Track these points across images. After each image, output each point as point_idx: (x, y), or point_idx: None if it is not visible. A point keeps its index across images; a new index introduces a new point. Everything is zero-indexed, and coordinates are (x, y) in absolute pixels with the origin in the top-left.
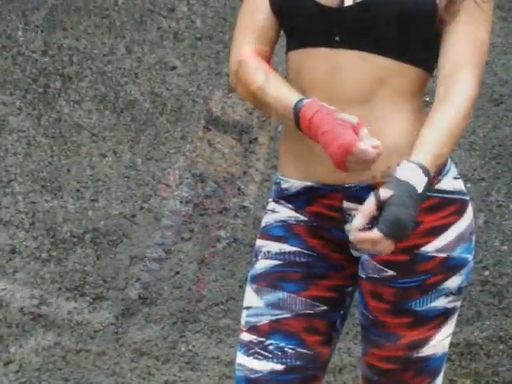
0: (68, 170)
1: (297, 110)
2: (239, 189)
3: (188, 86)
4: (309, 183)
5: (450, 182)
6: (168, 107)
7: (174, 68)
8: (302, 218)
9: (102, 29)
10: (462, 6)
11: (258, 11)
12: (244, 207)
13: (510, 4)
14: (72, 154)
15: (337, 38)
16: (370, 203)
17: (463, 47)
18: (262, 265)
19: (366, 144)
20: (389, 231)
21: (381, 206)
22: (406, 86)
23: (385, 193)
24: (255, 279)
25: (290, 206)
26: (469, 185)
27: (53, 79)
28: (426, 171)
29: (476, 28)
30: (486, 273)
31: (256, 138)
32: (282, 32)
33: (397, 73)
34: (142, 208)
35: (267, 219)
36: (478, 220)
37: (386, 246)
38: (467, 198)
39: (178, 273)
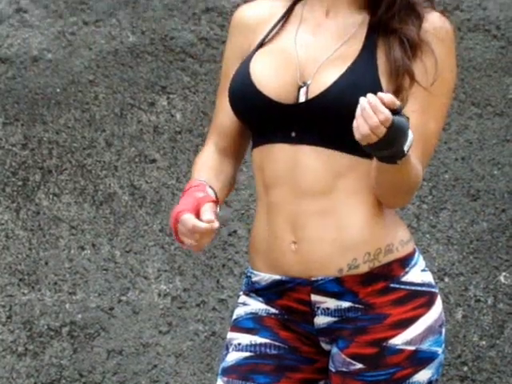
0: (46, 263)
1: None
2: (218, 282)
3: (167, 178)
4: (277, 277)
5: (418, 275)
6: (147, 200)
7: (153, 161)
8: (273, 310)
9: (82, 122)
10: (413, 95)
11: (221, 110)
12: (222, 300)
13: (486, 101)
14: (50, 247)
15: (293, 134)
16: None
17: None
18: (232, 357)
19: (199, 218)
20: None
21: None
22: (365, 180)
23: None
24: (226, 372)
25: (260, 299)
26: (447, 279)
27: (32, 172)
28: None
29: (426, 119)
30: (465, 368)
31: (235, 231)
32: None
33: (354, 167)
34: (120, 301)
35: (238, 312)
36: (456, 315)
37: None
38: (436, 290)
39: (155, 366)
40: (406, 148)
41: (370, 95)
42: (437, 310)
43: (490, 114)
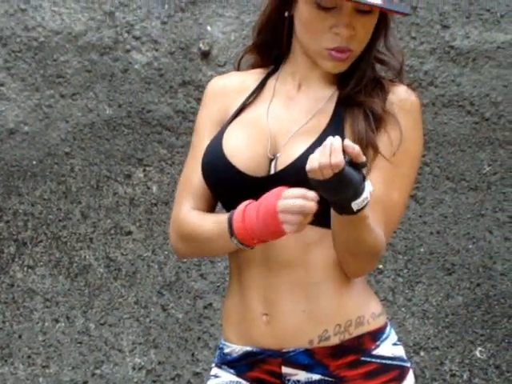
0: (19, 336)
1: (230, 222)
2: (193, 355)
3: (143, 250)
4: (249, 348)
5: (389, 348)
6: (122, 272)
7: (129, 233)
8: (244, 382)
9: (58, 194)
10: (376, 166)
11: (196, 175)
12: (197, 373)
13: (460, 176)
14: (24, 320)
15: None
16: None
17: (374, 209)
18: None
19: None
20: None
21: None
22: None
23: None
24: None
25: (231, 371)
26: (422, 353)
27: (7, 244)
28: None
29: (390, 190)
30: None
31: (210, 304)
32: None
33: (323, 239)
34: (93, 374)
35: None
36: None
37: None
38: (408, 364)
39: None
40: (354, 205)
41: (337, 137)
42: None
43: (465, 189)
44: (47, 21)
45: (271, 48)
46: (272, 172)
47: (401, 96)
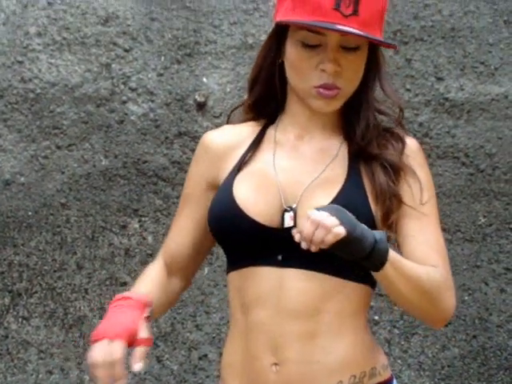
0: None
1: None
2: None
3: None
4: None
5: None
6: None
7: (124, 284)
8: None
9: (54, 245)
10: (405, 219)
11: (179, 232)
12: None
13: (456, 227)
14: (18, 372)
15: (279, 258)
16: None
17: (430, 256)
18: None
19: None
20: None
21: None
22: (351, 302)
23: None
24: None
25: None
26: None
27: (1, 295)
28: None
29: (427, 234)
30: None
31: (206, 355)
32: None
33: (340, 289)
34: None
35: None
36: None
37: (340, 231)
38: None
39: None
40: (374, 262)
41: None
42: None
43: (460, 240)
44: (44, 73)
45: (267, 102)
46: (290, 224)
47: (413, 148)
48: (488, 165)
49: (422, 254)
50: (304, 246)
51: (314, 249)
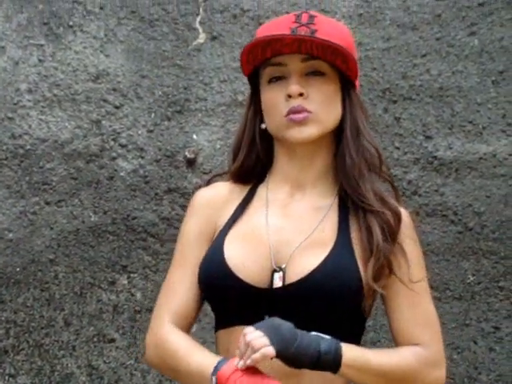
0: None
1: (214, 373)
2: None
3: (126, 358)
4: None
5: None
6: (105, 380)
7: (112, 341)
8: None
9: (41, 301)
10: (395, 291)
11: (179, 288)
12: None
13: (444, 285)
14: None
15: (266, 318)
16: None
17: (409, 331)
18: None
19: None
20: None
21: None
22: None
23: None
24: None
25: None
26: None
27: None
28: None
29: (421, 307)
30: None
31: None
32: None
33: None
34: None
35: None
36: None
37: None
38: None
39: None
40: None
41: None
42: None
43: (449, 298)
44: (34, 129)
45: (252, 168)
46: (279, 284)
47: (406, 222)
48: (476, 223)
49: (406, 332)
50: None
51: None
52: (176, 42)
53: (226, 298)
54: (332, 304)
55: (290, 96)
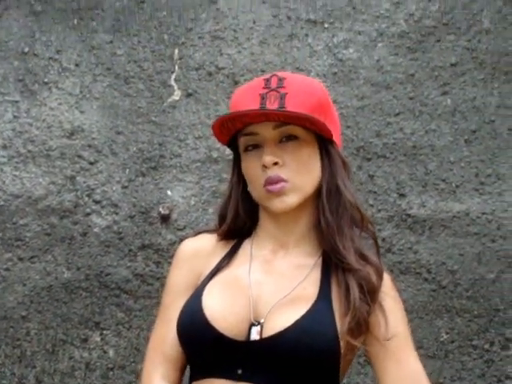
0: None
1: None
2: None
3: None
4: None
5: None
6: None
7: None
8: None
9: (13, 358)
10: (379, 348)
11: (169, 341)
12: None
13: (418, 343)
14: None
15: (239, 371)
16: None
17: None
18: None
19: None
20: None
21: None
22: None
23: None
24: None
25: None
26: None
27: None
28: None
29: (407, 361)
30: None
31: None
32: None
33: None
34: None
35: None
36: None
37: None
38: None
39: None
40: None
41: None
42: None
43: (422, 357)
44: (8, 184)
45: (239, 228)
46: (256, 337)
47: (385, 283)
48: (450, 281)
49: None
50: None
51: None
52: (151, 98)
53: (201, 349)
54: (307, 360)
55: (264, 165)
